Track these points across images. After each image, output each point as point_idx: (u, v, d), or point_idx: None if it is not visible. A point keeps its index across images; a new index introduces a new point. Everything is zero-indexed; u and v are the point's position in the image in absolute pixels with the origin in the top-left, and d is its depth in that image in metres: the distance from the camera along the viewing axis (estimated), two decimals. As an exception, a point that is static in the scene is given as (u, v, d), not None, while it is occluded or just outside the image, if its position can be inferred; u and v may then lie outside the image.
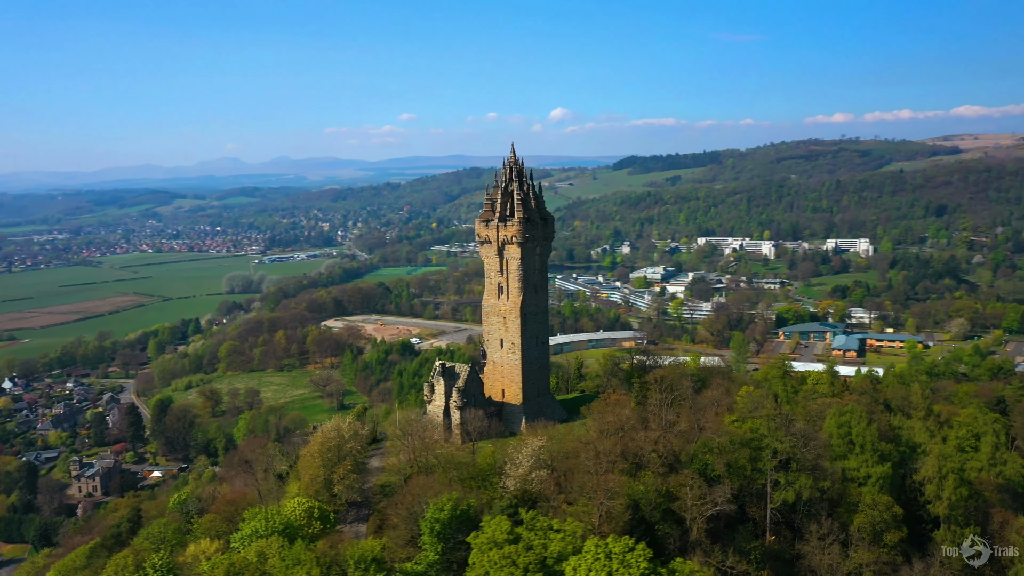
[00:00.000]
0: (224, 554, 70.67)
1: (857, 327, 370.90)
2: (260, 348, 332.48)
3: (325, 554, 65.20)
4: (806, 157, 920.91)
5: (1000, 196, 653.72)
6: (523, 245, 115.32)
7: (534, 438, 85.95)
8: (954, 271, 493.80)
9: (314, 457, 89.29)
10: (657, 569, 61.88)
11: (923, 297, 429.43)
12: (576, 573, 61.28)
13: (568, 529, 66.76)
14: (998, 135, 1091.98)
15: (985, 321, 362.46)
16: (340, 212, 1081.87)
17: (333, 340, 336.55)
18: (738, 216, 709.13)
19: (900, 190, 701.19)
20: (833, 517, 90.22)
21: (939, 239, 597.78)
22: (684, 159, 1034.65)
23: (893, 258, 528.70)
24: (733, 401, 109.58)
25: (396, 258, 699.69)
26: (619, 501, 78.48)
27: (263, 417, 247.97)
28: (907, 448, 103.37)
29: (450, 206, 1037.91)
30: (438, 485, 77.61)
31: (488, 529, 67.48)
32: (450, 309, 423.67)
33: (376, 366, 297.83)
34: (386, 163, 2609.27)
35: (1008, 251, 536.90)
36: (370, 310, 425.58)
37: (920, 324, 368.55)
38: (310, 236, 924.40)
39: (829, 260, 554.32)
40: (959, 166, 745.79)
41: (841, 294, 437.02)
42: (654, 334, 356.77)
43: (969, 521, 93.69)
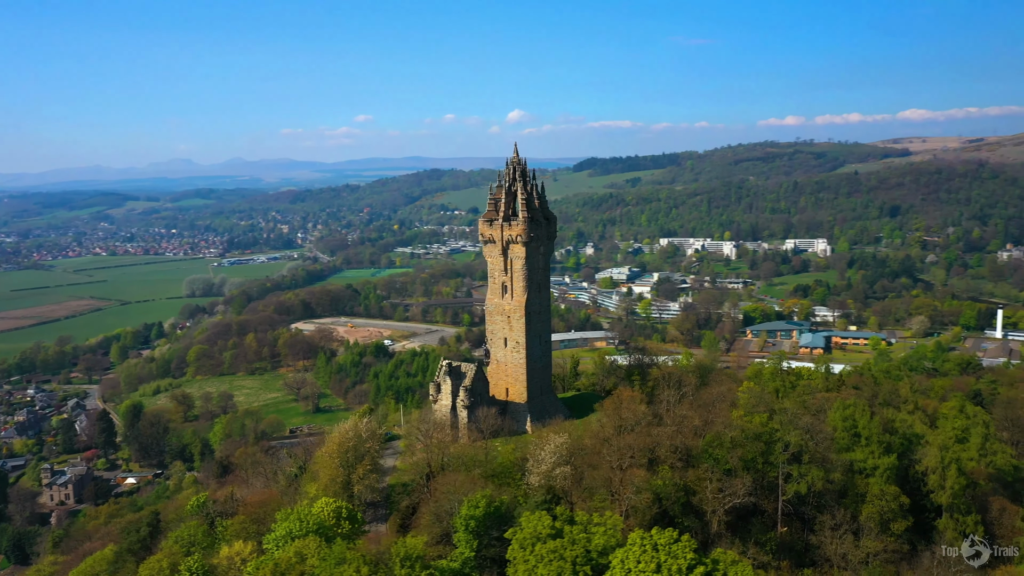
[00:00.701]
0: (261, 556, 70.17)
1: (822, 325, 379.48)
2: (230, 351, 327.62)
3: (370, 552, 65.14)
4: (763, 159, 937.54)
5: (950, 197, 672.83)
6: (528, 244, 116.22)
7: (555, 435, 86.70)
8: (910, 270, 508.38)
9: (332, 457, 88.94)
10: (702, 559, 63.03)
11: (881, 295, 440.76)
12: (624, 564, 62.21)
13: (609, 523, 67.74)
14: (945, 138, 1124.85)
15: (943, 318, 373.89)
16: (299, 214, 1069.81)
17: (305, 342, 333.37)
18: (699, 217, 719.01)
19: (855, 191, 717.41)
20: (841, 508, 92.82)
21: (893, 239, 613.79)
22: (644, 161, 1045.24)
23: (851, 258, 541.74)
24: (735, 397, 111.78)
25: (359, 260, 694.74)
26: (645, 495, 79.83)
27: (239, 421, 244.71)
28: (905, 440, 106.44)
29: (411, 208, 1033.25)
30: (468, 483, 77.89)
31: (529, 524, 68.08)
32: (420, 311, 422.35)
33: (351, 368, 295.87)
34: (343, 165, 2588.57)
35: (959, 250, 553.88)
36: (339, 312, 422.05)
37: (882, 322, 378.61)
38: (269, 238, 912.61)
39: (789, 260, 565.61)
40: (911, 168, 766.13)
41: (803, 293, 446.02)
42: (625, 334, 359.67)
43: (970, 510, 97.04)
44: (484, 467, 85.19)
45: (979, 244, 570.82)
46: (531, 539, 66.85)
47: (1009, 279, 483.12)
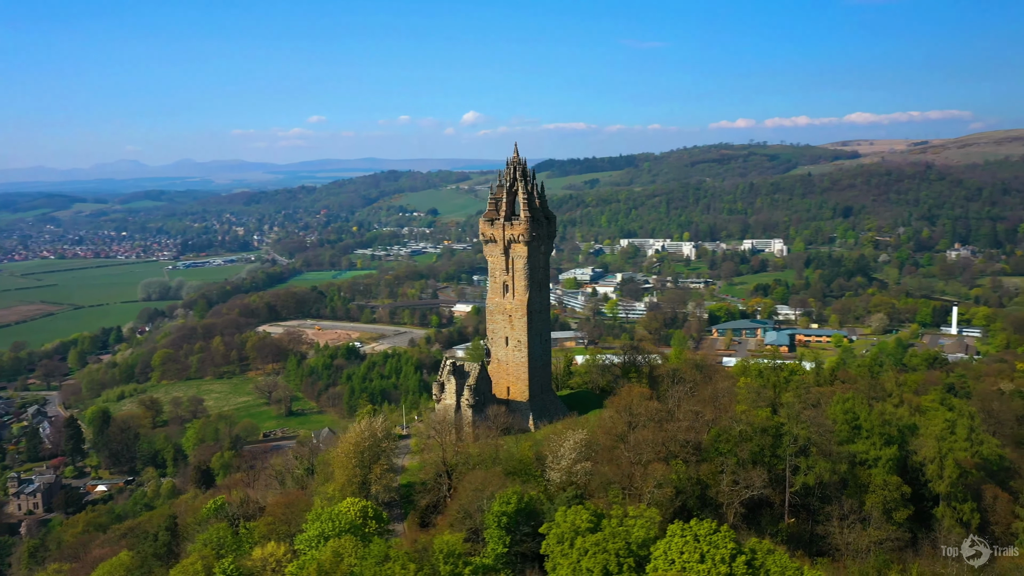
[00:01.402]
0: (296, 556, 69.77)
1: (784, 323, 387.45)
2: (197, 355, 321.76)
3: (413, 549, 65.27)
4: (718, 161, 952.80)
5: (900, 198, 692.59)
6: (530, 244, 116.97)
7: (573, 431, 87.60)
8: (864, 269, 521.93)
9: (349, 457, 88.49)
10: (741, 549, 64.52)
11: (838, 294, 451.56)
12: (667, 555, 63.40)
13: (646, 515, 68.78)
14: (892, 140, 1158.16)
15: (900, 316, 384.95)
16: (254, 216, 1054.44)
17: (273, 345, 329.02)
18: (658, 218, 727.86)
19: (809, 192, 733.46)
20: (848, 498, 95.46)
21: (847, 239, 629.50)
22: (601, 162, 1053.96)
23: (807, 257, 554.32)
24: (735, 392, 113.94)
25: (319, 262, 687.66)
26: (667, 489, 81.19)
27: (212, 425, 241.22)
28: (901, 431, 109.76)
29: (368, 209, 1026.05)
30: (496, 480, 78.33)
31: (567, 519, 68.81)
32: (387, 313, 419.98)
33: (322, 371, 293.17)
34: (296, 166, 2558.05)
35: (910, 250, 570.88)
36: (304, 315, 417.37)
37: (842, 319, 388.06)
38: (224, 241, 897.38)
39: (748, 260, 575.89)
40: (861, 170, 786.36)
41: (763, 292, 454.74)
42: (594, 334, 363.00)
43: (966, 498, 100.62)
44: (504, 464, 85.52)
45: (928, 244, 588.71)
46: (570, 533, 67.64)
47: (958, 277, 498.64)
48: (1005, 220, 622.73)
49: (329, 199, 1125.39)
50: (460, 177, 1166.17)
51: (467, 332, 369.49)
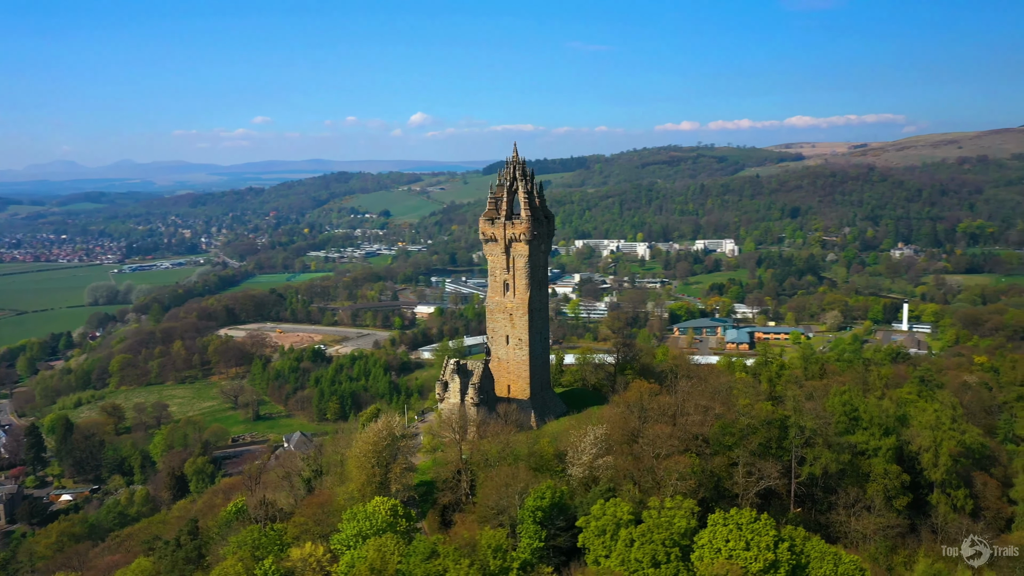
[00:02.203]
0: (335, 556, 69.50)
1: (742, 321, 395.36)
2: (157, 360, 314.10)
3: (462, 544, 65.62)
4: (668, 163, 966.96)
5: (844, 199, 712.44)
6: (531, 243, 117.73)
7: (594, 426, 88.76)
8: (814, 268, 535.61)
9: (368, 457, 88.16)
10: (782, 536, 66.44)
11: (790, 292, 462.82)
12: (713, 544, 64.96)
13: (685, 506, 70.26)
14: (833, 143, 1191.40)
15: (853, 313, 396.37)
16: (201, 218, 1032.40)
17: (237, 349, 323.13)
18: (611, 219, 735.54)
19: (758, 194, 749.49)
20: (853, 487, 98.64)
21: (795, 239, 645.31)
22: (552, 164, 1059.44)
23: (759, 257, 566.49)
24: (732, 387, 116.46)
25: (271, 265, 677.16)
26: (690, 481, 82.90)
27: (181, 431, 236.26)
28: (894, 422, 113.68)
29: (319, 211, 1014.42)
30: (527, 475, 78.99)
31: (608, 511, 69.89)
32: (349, 315, 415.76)
33: (289, 374, 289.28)
34: (241, 167, 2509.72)
35: (856, 249, 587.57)
36: (264, 318, 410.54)
37: (798, 317, 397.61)
38: (171, 244, 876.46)
39: (702, 260, 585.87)
40: (807, 172, 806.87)
41: (719, 291, 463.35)
42: (557, 333, 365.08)
43: (960, 485, 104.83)
44: (526, 461, 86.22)
45: (873, 243, 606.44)
46: (612, 525, 68.78)
47: (904, 276, 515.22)
48: (944, 220, 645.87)
49: (278, 201, 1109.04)
50: (411, 179, 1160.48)
51: (431, 333, 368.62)
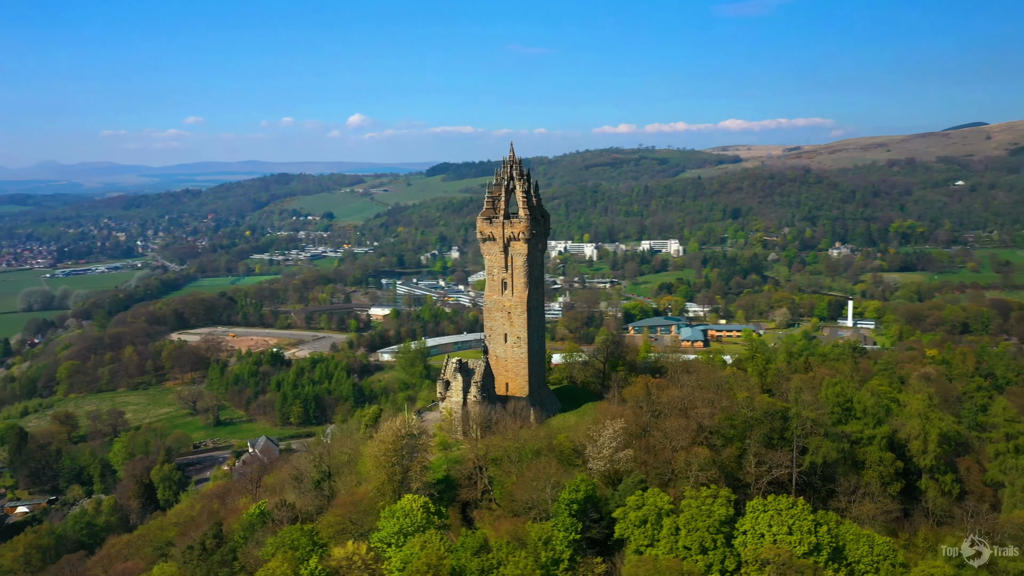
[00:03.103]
0: (378, 555, 69.49)
1: (695, 320, 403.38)
2: (108, 367, 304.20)
3: (513, 536, 66.33)
4: (611, 164, 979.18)
5: (783, 200, 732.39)
6: (529, 241, 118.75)
7: (612, 420, 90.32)
8: (758, 267, 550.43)
9: (388, 456, 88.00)
10: (819, 520, 69.01)
11: (736, 291, 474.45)
12: (756, 529, 67.13)
13: (722, 495, 72.28)
14: (768, 146, 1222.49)
15: (799, 310, 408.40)
16: (135, 221, 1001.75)
17: (191, 354, 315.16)
18: (558, 220, 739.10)
19: (700, 195, 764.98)
20: (853, 474, 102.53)
21: (737, 239, 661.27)
22: (497, 165, 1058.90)
23: (704, 256, 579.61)
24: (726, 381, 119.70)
25: (214, 268, 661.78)
26: (712, 471, 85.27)
27: (142, 438, 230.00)
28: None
29: (260, 213, 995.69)
30: (559, 469, 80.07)
31: (649, 501, 71.48)
32: (303, 318, 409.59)
33: (249, 379, 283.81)
34: (173, 169, 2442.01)
35: (796, 248, 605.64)
36: (215, 322, 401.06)
37: (747, 315, 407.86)
38: (105, 247, 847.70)
39: (649, 260, 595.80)
40: (746, 173, 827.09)
41: (668, 291, 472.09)
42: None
43: (947, 470, 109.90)
44: (548, 455, 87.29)
45: (812, 243, 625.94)
46: (654, 515, 70.36)
47: (843, 274, 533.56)
48: (877, 220, 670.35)
49: (216, 203, 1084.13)
50: (354, 180, 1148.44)
51: (389, 336, 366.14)
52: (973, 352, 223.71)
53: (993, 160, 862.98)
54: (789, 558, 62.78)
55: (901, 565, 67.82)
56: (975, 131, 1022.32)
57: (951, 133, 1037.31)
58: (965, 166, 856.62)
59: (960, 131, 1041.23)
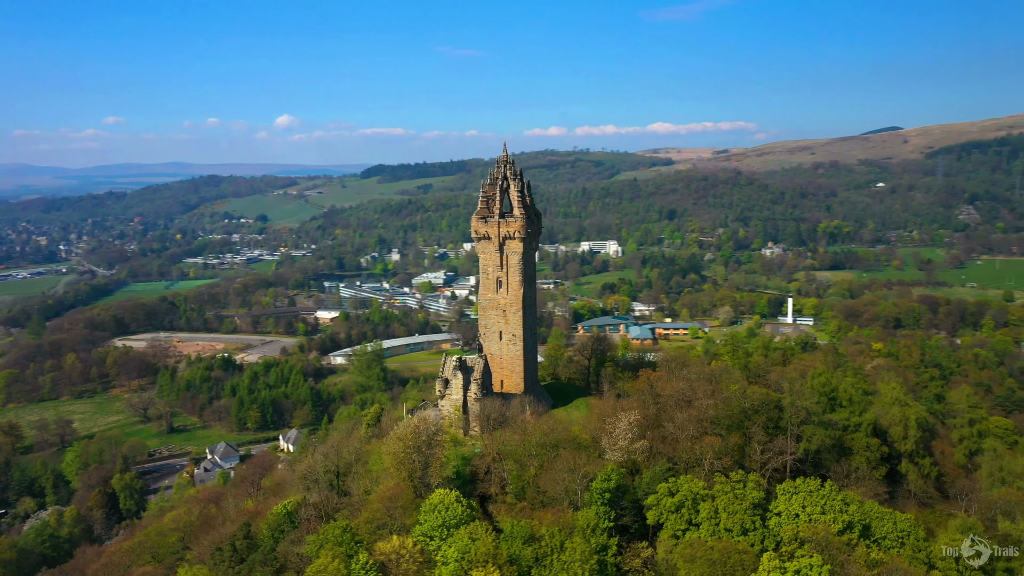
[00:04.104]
0: (425, 546, 70.39)
1: (642, 319, 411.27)
2: (49, 375, 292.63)
3: (563, 525, 68.09)
4: (547, 167, 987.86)
5: (716, 201, 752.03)
6: (525, 240, 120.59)
7: (626, 412, 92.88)
8: (696, 267, 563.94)
9: (409, 453, 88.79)
10: (847, 499, 72.86)
11: (677, 290, 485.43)
12: (790, 509, 70.53)
13: (751, 479, 75.54)
14: (698, 149, 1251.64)
15: (741, 308, 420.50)
16: (56, 224, 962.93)
17: (138, 360, 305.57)
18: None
19: (636, 197, 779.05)
20: (844, 459, 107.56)
21: (674, 240, 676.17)
22: (433, 168, 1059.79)
23: (643, 257, 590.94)
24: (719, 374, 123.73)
25: (146, 273, 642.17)
26: (727, 459, 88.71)
27: (96, 447, 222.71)
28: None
29: (189, 216, 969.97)
30: (584, 460, 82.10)
31: (683, 488, 74.17)
32: (248, 322, 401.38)
33: (201, 384, 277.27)
34: (92, 170, 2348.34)
35: (731, 248, 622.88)
36: (157, 327, 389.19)
37: (692, 313, 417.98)
38: (25, 252, 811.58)
39: (590, 261, 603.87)
40: (680, 176, 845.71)
41: (611, 291, 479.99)
42: (468, 334, 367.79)
43: (925, 454, 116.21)
44: (568, 447, 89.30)
45: (745, 243, 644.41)
46: (690, 500, 73.09)
47: (777, 273, 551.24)
48: (806, 221, 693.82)
49: (143, 205, 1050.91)
50: (287, 182, 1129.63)
51: (340, 339, 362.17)
52: (916, 345, 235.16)
53: (910, 163, 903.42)
54: (826, 536, 66.29)
55: (923, 540, 72.18)
56: (892, 135, 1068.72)
57: (870, 137, 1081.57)
58: (885, 168, 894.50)
59: (879, 135, 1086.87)
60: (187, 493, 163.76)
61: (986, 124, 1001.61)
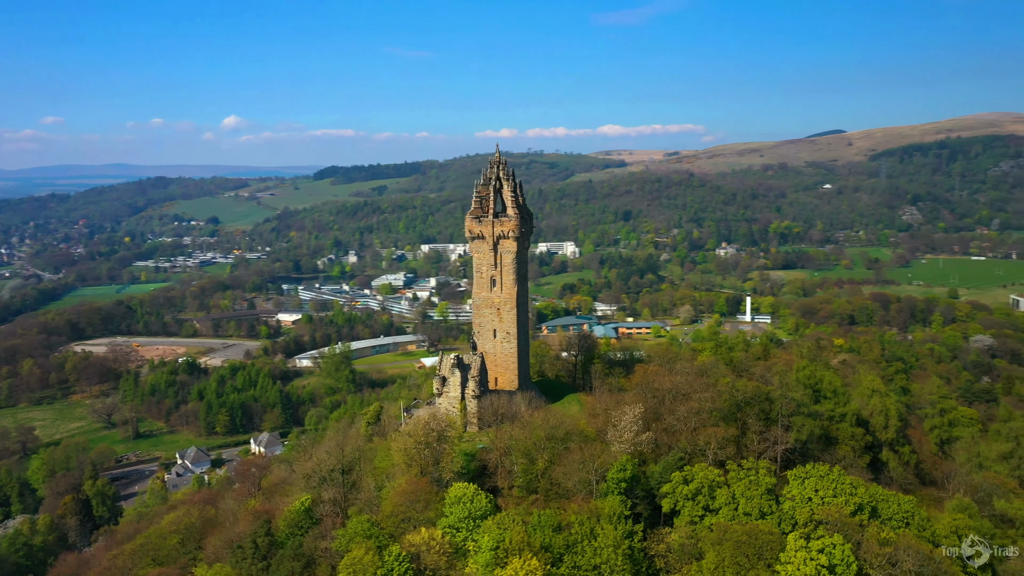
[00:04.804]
0: (453, 537, 72.07)
1: (604, 318, 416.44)
2: (6, 381, 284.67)
3: (589, 514, 70.27)
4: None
5: (670, 203, 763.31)
6: (519, 239, 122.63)
7: (631, 406, 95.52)
8: (653, 267, 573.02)
9: (421, 448, 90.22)
10: (854, 483, 76.47)
11: (636, 290, 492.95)
12: (803, 493, 73.86)
13: (761, 466, 78.74)
14: (650, 151, 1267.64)
15: (700, 307, 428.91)
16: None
17: (99, 365, 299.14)
18: (455, 223, 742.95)
19: (591, 198, 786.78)
20: (832, 448, 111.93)
21: (630, 240, 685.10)
22: (387, 169, 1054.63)
23: (601, 257, 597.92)
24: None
25: (95, 276, 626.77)
26: (730, 448, 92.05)
27: (62, 454, 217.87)
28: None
29: (137, 219, 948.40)
30: (599, 452, 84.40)
31: (699, 475, 76.97)
32: (210, 325, 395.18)
33: (167, 389, 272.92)
34: (30, 172, 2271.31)
35: (686, 249, 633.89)
36: (114, 332, 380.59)
37: (653, 312, 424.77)
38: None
39: (548, 262, 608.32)
40: (634, 177, 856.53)
41: (571, 291, 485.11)
42: (434, 335, 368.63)
43: (904, 442, 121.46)
44: (576, 440, 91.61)
45: (699, 243, 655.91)
46: (706, 486, 75.97)
47: (732, 272, 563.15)
48: (757, 221, 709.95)
49: (88, 208, 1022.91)
50: (238, 184, 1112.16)
51: (304, 341, 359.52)
52: (876, 341, 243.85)
53: (855, 165, 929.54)
54: (840, 517, 69.70)
55: (926, 519, 76.21)
56: (837, 138, 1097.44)
57: (816, 139, 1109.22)
58: (831, 170, 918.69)
59: (824, 137, 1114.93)
60: (174, 496, 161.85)
61: (926, 127, 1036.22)
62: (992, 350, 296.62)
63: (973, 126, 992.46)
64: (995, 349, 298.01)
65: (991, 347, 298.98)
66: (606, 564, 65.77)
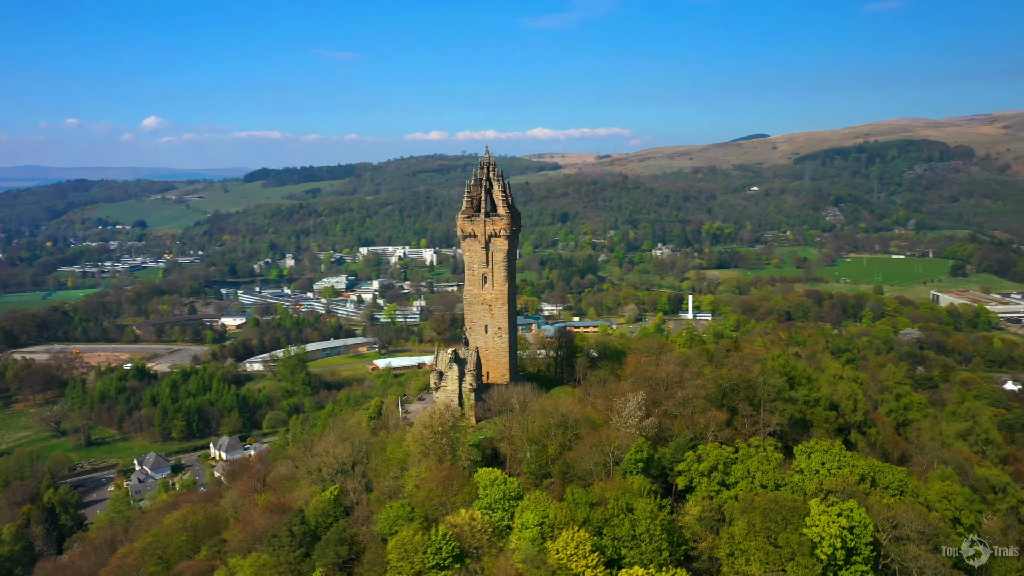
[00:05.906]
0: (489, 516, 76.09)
1: (551, 318, 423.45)
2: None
3: (622, 490, 75.05)
4: (438, 171, 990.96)
5: (606, 204, 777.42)
6: (510, 238, 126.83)
7: (634, 393, 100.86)
8: (593, 268, 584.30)
9: (438, 437, 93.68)
10: (856, 458, 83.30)
11: (578, 290, 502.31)
12: (810, 467, 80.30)
13: (768, 443, 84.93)
14: (582, 154, 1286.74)
15: (644, 306, 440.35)
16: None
17: (42, 372, 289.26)
18: (393, 226, 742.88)
19: (529, 200, 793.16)
20: (808, 431, 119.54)
21: (568, 241, 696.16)
22: (320, 172, 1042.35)
23: (541, 259, 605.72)
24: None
25: (18, 282, 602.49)
26: (728, 431, 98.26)
27: (15, 463, 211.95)
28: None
29: (58, 223, 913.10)
30: (612, 437, 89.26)
31: (712, 453, 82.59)
32: (153, 331, 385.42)
33: (117, 395, 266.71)
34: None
35: (623, 249, 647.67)
36: (50, 339, 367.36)
37: (598, 311, 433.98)
38: None
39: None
40: (569, 180, 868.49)
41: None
42: (384, 337, 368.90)
43: (871, 424, 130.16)
44: (583, 426, 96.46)
45: (636, 244, 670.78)
46: (720, 464, 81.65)
47: (670, 272, 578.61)
48: (690, 222, 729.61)
49: (2, 212, 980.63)
50: (164, 187, 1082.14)
51: (252, 345, 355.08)
52: (820, 334, 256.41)
53: (780, 168, 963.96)
54: (847, 486, 76.26)
55: (919, 487, 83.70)
56: (762, 142, 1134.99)
57: (743, 143, 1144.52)
58: (757, 173, 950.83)
59: (750, 141, 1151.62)
60: (161, 498, 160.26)
61: (845, 132, 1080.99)
62: (920, 342, 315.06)
63: (888, 131, 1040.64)
64: (923, 341, 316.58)
65: (919, 339, 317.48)
66: (646, 533, 70.63)
